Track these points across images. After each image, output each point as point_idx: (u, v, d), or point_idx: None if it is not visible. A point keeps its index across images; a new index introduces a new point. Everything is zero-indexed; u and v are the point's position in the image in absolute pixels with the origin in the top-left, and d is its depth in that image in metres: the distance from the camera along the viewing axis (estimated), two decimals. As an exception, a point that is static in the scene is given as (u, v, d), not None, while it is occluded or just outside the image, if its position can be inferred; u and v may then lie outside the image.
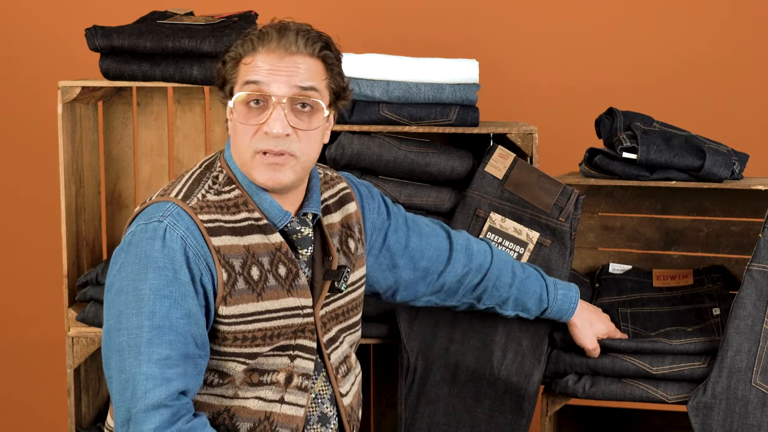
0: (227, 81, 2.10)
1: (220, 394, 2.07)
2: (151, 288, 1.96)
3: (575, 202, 2.71)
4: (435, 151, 2.75)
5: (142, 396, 1.93)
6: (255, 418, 2.07)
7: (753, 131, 3.43)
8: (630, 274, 2.92)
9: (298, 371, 2.10)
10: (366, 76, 2.75)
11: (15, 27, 3.56)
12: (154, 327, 1.95)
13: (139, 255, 1.98)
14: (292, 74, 2.05)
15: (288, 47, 2.05)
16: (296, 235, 2.12)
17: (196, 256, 1.99)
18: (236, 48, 2.09)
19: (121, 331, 1.97)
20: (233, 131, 2.09)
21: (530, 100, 3.49)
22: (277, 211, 2.09)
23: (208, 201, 2.05)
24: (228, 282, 2.02)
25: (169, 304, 1.96)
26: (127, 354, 1.95)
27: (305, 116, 2.07)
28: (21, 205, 3.62)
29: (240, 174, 2.10)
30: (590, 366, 2.63)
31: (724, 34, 3.44)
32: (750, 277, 2.57)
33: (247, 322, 2.04)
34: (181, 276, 1.97)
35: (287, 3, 3.48)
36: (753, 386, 2.53)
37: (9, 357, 3.69)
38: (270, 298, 2.06)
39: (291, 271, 2.09)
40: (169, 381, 1.94)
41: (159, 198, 2.05)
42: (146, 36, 2.76)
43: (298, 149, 2.06)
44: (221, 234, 2.03)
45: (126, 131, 3.07)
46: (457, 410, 2.68)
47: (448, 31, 3.49)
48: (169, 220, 2.00)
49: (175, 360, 1.95)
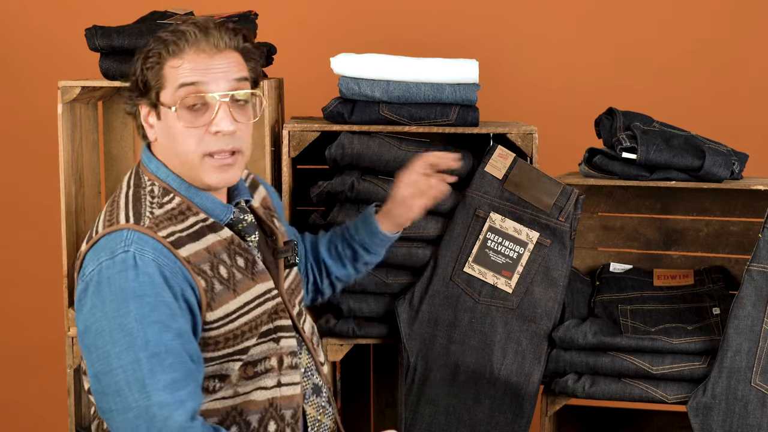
0: (151, 86, 2.05)
1: (220, 397, 2.06)
2: (136, 318, 1.91)
3: (575, 202, 2.71)
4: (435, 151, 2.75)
5: (162, 426, 1.89)
6: (261, 409, 2.07)
7: (753, 131, 3.43)
8: (631, 273, 2.92)
9: (285, 351, 2.12)
10: (366, 76, 2.75)
11: (15, 27, 3.56)
12: (152, 355, 1.90)
13: (114, 290, 1.93)
14: (226, 70, 2.04)
15: (217, 44, 2.04)
16: (241, 224, 2.12)
17: (173, 274, 1.96)
18: (158, 51, 2.04)
19: (114, 372, 1.91)
20: (168, 137, 2.05)
21: (530, 100, 3.49)
22: (219, 207, 2.09)
23: (158, 216, 2.02)
24: (207, 288, 2.00)
25: (158, 329, 1.92)
26: (128, 392, 1.90)
27: (243, 110, 2.07)
28: (21, 205, 3.62)
29: (175, 181, 2.07)
30: (590, 365, 2.63)
31: (724, 33, 3.44)
32: (749, 278, 2.57)
33: (233, 320, 2.04)
34: (163, 298, 1.94)
35: (287, 3, 3.49)
36: (753, 386, 2.53)
37: (9, 357, 3.69)
38: (243, 291, 2.06)
39: (248, 260, 2.10)
40: (183, 403, 1.91)
41: (109, 229, 2.00)
42: (146, 36, 2.76)
43: (244, 144, 2.07)
44: (183, 244, 2.00)
45: (126, 131, 3.07)
46: (457, 410, 2.68)
47: (448, 31, 3.49)
48: (135, 247, 1.95)
49: (182, 381, 1.92)
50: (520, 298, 2.69)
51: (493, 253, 2.71)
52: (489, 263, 2.70)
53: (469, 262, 2.70)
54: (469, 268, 2.70)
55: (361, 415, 3.23)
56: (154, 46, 2.04)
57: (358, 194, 2.73)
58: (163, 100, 2.04)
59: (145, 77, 2.05)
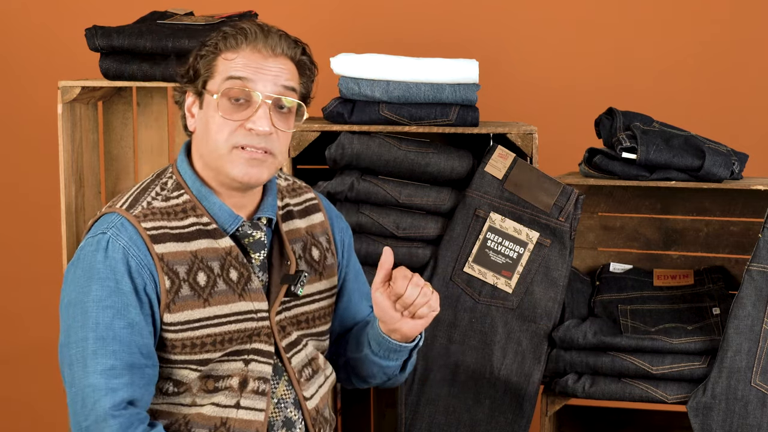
0: (200, 74, 2.06)
1: (178, 402, 2.05)
2: (94, 299, 1.96)
3: (575, 202, 2.72)
4: (435, 151, 2.75)
5: (91, 408, 1.93)
6: (210, 425, 2.04)
7: (753, 131, 3.43)
8: (631, 273, 2.92)
9: (254, 375, 2.06)
10: (366, 76, 2.75)
11: (15, 27, 3.56)
12: (98, 338, 1.95)
13: (85, 268, 1.99)
14: (276, 74, 2.03)
15: (273, 48, 2.04)
16: (248, 239, 2.09)
17: (139, 266, 1.98)
18: (216, 42, 2.05)
19: (69, 345, 1.98)
20: (204, 125, 2.05)
21: (530, 100, 3.49)
22: (227, 215, 2.06)
23: (154, 208, 2.03)
24: (171, 289, 1.99)
25: (111, 315, 1.96)
26: (75, 367, 1.96)
27: (283, 117, 2.05)
28: (21, 205, 3.62)
29: (191, 179, 2.07)
30: (590, 365, 2.63)
31: (724, 33, 3.44)
32: (749, 278, 2.57)
33: (194, 328, 2.01)
34: (123, 286, 1.97)
35: (287, 3, 3.49)
36: (753, 386, 2.53)
37: (9, 357, 3.69)
38: (218, 303, 2.03)
39: (243, 275, 2.06)
40: (114, 391, 1.93)
41: (107, 210, 2.05)
42: (146, 36, 2.76)
43: (277, 148, 2.05)
44: (165, 241, 2.00)
45: (126, 131, 3.07)
46: (457, 410, 2.68)
47: (448, 31, 3.49)
48: (112, 232, 1.99)
49: (119, 370, 1.94)
50: (520, 298, 2.69)
51: (493, 253, 2.71)
52: (489, 263, 2.70)
53: (469, 262, 2.71)
54: (469, 268, 2.70)
55: (361, 415, 3.23)
56: (213, 37, 2.06)
57: (358, 194, 2.73)
58: (208, 89, 2.04)
59: (197, 65, 2.06)
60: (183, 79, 2.10)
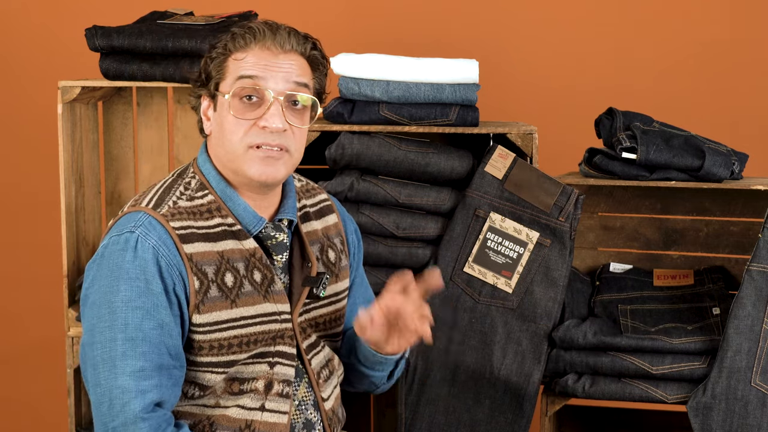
0: (212, 77, 2.06)
1: (202, 404, 2.05)
2: (123, 300, 1.94)
3: (575, 202, 2.72)
4: (435, 151, 2.75)
5: (119, 410, 1.91)
6: (235, 427, 2.04)
7: (753, 131, 3.43)
8: (631, 273, 2.92)
9: (279, 378, 2.07)
10: (366, 76, 2.75)
11: (15, 27, 3.56)
12: (128, 339, 1.93)
13: (111, 267, 1.96)
14: (287, 71, 2.03)
15: (283, 44, 2.03)
16: (271, 241, 2.08)
17: (169, 266, 1.96)
18: (225, 44, 2.05)
19: (94, 345, 1.95)
20: (219, 127, 2.05)
21: (530, 100, 3.49)
22: (251, 216, 2.06)
23: (180, 207, 2.02)
24: (200, 290, 1.99)
25: (141, 315, 1.94)
26: (101, 368, 1.94)
27: (297, 113, 2.05)
28: (21, 205, 3.62)
29: (215, 179, 2.06)
30: (590, 365, 2.63)
31: (723, 33, 3.44)
32: (749, 278, 2.57)
33: (222, 329, 2.01)
34: (153, 286, 1.95)
35: (287, 3, 3.49)
36: (753, 386, 2.53)
37: (9, 357, 3.69)
38: (245, 305, 2.03)
39: (266, 277, 2.06)
40: (144, 393, 1.92)
41: (130, 209, 2.02)
42: (146, 36, 2.76)
43: (293, 145, 2.04)
44: (194, 241, 2.00)
45: (126, 131, 3.07)
46: (457, 410, 2.69)
47: (448, 31, 3.49)
48: (141, 231, 1.97)
49: (149, 371, 1.93)
50: (520, 298, 2.69)
51: (493, 253, 2.71)
52: (489, 263, 2.71)
53: (469, 262, 2.71)
54: (469, 268, 2.70)
55: (361, 415, 3.23)
56: (222, 39, 2.06)
57: (358, 194, 2.73)
58: (221, 90, 2.04)
59: (208, 68, 2.06)
60: (196, 83, 2.09)
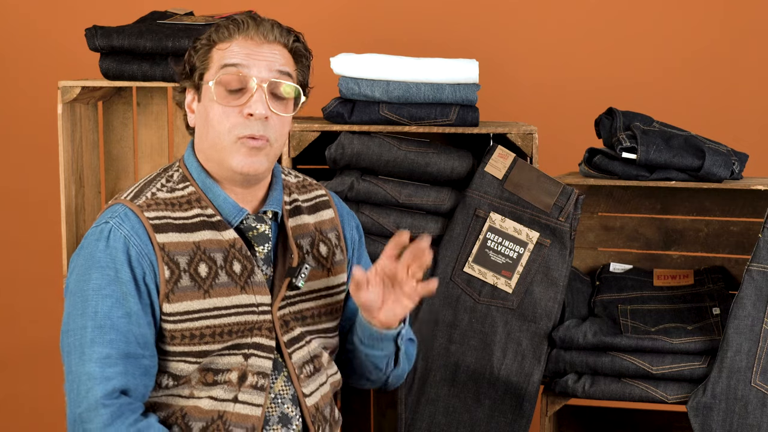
0: (196, 67, 2.08)
1: (176, 394, 2.06)
2: (94, 288, 1.99)
3: (575, 202, 2.72)
4: (435, 151, 2.75)
5: (84, 396, 1.96)
6: (207, 418, 2.04)
7: (753, 131, 3.43)
8: (631, 273, 2.92)
9: (253, 369, 2.07)
10: (366, 76, 2.75)
11: (15, 27, 3.56)
12: (97, 326, 1.97)
13: (86, 257, 2.01)
14: (270, 60, 2.05)
15: (266, 35, 2.06)
16: (252, 232, 2.10)
17: (140, 255, 2.00)
18: (209, 35, 2.08)
19: (69, 333, 2.01)
20: (204, 118, 2.07)
21: (530, 100, 3.49)
22: (231, 207, 2.08)
23: (158, 198, 2.05)
24: (171, 279, 2.01)
25: (110, 303, 1.98)
26: (73, 355, 1.99)
27: (281, 103, 2.07)
28: (21, 205, 3.62)
29: (196, 171, 2.09)
30: (590, 365, 2.63)
31: (723, 33, 3.44)
32: (749, 278, 2.57)
33: (193, 319, 2.02)
34: (122, 275, 1.99)
35: (287, 3, 3.49)
36: (753, 386, 2.53)
37: (9, 357, 3.69)
38: (219, 295, 2.04)
39: (246, 268, 2.07)
40: (108, 380, 1.96)
41: (113, 202, 2.08)
42: (146, 36, 2.76)
43: (273, 135, 2.05)
44: (168, 231, 2.02)
45: (126, 131, 3.07)
46: (457, 410, 2.69)
47: (448, 31, 3.49)
48: (115, 221, 2.01)
49: (115, 359, 1.97)
50: (520, 298, 2.69)
51: (493, 253, 2.71)
52: (489, 263, 2.71)
53: (469, 262, 2.71)
54: (469, 268, 2.70)
55: (361, 415, 3.23)
56: (207, 31, 2.09)
57: (358, 194, 2.73)
58: (205, 79, 2.06)
59: (192, 59, 2.09)
60: (181, 76, 2.12)
